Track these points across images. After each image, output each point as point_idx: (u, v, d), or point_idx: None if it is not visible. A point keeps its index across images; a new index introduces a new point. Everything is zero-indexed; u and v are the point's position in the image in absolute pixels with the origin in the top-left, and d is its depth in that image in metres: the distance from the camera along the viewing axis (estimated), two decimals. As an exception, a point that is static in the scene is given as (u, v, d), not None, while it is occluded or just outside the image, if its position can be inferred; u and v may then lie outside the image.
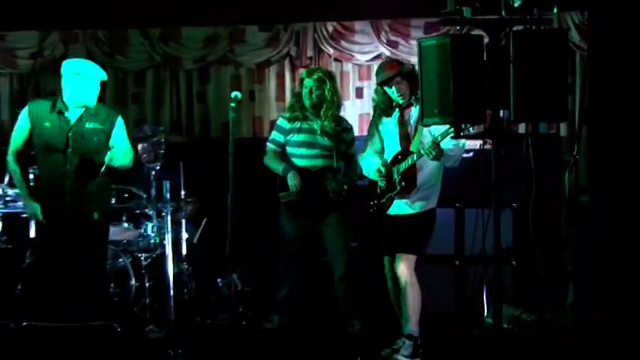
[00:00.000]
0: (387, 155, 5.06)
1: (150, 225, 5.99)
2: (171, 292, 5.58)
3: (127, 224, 6.09)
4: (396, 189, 4.90)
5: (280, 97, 7.07)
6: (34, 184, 5.27)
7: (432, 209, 4.97)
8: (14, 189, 5.51)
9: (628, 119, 6.26)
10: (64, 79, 4.99)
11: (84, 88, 4.94)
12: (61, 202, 4.95)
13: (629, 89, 6.23)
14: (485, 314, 5.28)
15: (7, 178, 5.61)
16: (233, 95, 5.16)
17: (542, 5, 3.43)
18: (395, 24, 6.81)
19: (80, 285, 4.95)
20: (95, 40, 7.08)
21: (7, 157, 5.07)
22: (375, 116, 5.14)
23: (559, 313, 5.32)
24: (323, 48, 6.94)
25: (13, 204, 5.66)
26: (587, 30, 6.45)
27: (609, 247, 6.02)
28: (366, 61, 6.95)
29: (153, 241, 5.98)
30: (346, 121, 5.70)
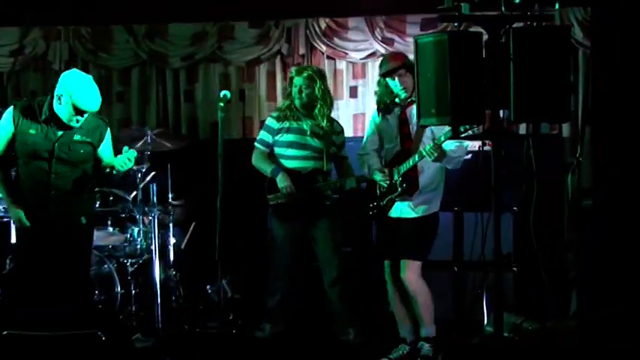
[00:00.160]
0: (387, 155, 5.07)
1: (136, 229, 5.99)
2: (159, 300, 5.58)
3: (112, 229, 6.09)
4: (397, 191, 4.90)
5: (271, 97, 7.06)
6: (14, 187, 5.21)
7: (435, 213, 4.99)
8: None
9: (633, 119, 6.27)
10: (63, 94, 4.72)
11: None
12: (46, 209, 4.91)
13: (633, 88, 6.23)
14: (485, 322, 5.30)
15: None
16: (222, 94, 5.15)
17: (544, 1, 3.43)
18: (390, 20, 6.80)
19: (64, 292, 4.93)
20: (78, 37, 7.06)
21: None
22: (376, 112, 5.14)
23: (562, 321, 5.34)
24: (315, 45, 6.93)
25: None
26: (590, 27, 6.46)
27: (613, 251, 6.03)
28: (361, 59, 6.94)
29: (139, 246, 5.98)
30: (337, 123, 5.72)
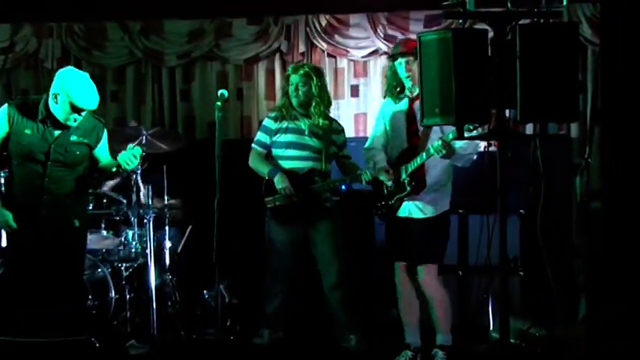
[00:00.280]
0: (393, 152, 5.05)
1: (130, 232, 5.98)
2: (154, 305, 5.56)
3: (105, 232, 6.09)
4: (406, 190, 4.89)
5: (270, 96, 7.07)
6: (5, 189, 5.19)
7: (445, 212, 4.98)
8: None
9: (636, 120, 6.27)
10: (60, 92, 4.72)
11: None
12: (38, 213, 4.89)
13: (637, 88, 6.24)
14: (491, 328, 5.30)
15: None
16: (219, 93, 5.14)
17: (551, -3, 3.44)
18: (393, 17, 6.82)
19: (56, 297, 4.92)
20: (71, 34, 7.07)
21: None
22: (384, 106, 5.13)
23: (570, 327, 5.34)
24: (316, 43, 6.94)
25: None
26: (599, 23, 6.47)
27: (620, 254, 6.03)
28: (362, 57, 6.96)
29: (134, 250, 5.97)
30: (337, 122, 5.72)
